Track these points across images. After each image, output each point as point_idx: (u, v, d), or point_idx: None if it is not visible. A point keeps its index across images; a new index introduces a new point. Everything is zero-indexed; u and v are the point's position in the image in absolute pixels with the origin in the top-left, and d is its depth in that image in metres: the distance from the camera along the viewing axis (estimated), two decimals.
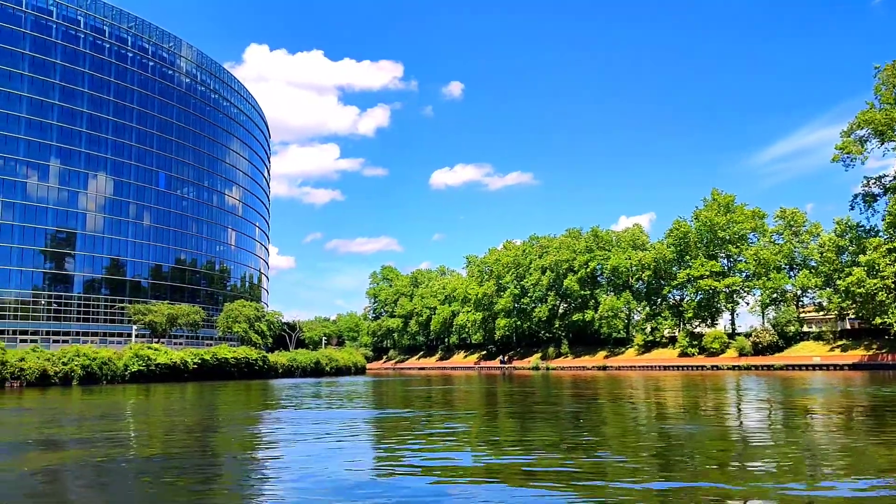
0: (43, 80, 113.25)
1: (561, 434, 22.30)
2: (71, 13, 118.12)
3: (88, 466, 17.00)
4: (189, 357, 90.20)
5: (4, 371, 74.86)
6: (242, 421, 32.99)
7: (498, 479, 13.92)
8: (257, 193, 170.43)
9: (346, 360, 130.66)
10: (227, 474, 16.04)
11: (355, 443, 22.42)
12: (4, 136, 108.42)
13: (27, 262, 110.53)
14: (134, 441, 23.66)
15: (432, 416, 31.82)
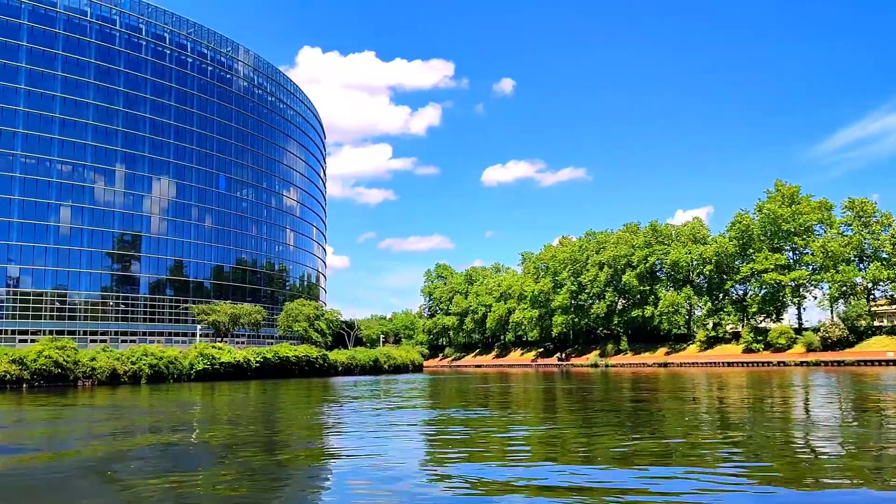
0: (108, 87, 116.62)
1: (642, 438, 21.76)
2: (133, 21, 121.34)
3: (190, 448, 17.31)
4: (252, 356, 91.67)
5: (77, 370, 77.17)
6: (306, 415, 33.19)
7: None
8: (314, 194, 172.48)
9: (404, 358, 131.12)
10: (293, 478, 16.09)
11: (408, 439, 22.31)
12: (73, 143, 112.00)
13: (96, 265, 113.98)
14: (222, 431, 24.02)
15: (495, 417, 31.50)
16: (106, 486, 14.98)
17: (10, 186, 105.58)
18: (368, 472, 16.07)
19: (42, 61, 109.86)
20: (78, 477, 16.10)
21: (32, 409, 46.37)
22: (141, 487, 14.55)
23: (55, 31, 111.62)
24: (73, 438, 26.53)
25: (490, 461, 16.93)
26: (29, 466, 17.61)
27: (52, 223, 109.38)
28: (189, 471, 16.73)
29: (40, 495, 13.74)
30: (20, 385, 71.95)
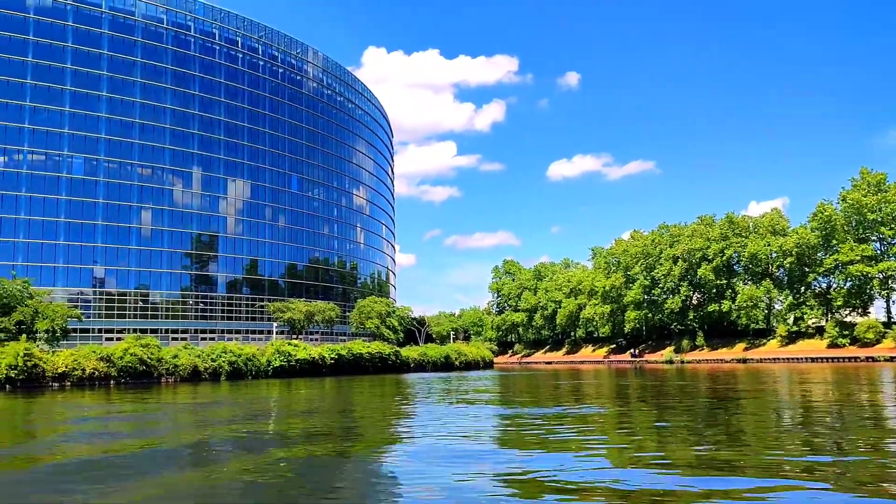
0: (184, 91, 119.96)
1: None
2: (207, 27, 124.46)
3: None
4: (326, 352, 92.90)
5: (160, 367, 79.53)
6: (380, 409, 33.05)
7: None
8: (383, 192, 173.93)
9: (475, 355, 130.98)
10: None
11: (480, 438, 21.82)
12: (152, 147, 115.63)
13: (175, 265, 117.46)
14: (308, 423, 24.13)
15: (572, 415, 30.77)
16: (188, 469, 15.70)
17: (95, 190, 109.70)
18: (437, 464, 16.02)
19: (122, 68, 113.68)
20: (163, 462, 16.76)
21: (121, 402, 47.85)
22: (219, 472, 15.21)
23: (134, 38, 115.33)
24: (160, 429, 27.20)
25: (566, 458, 16.40)
26: (120, 454, 17.99)
27: (133, 225, 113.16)
28: (264, 458, 17.20)
29: (129, 477, 14.46)
30: (108, 382, 74.55)
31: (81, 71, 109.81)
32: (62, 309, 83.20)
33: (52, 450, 20.81)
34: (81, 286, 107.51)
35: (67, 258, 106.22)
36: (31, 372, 69.30)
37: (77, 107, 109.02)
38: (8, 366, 67.94)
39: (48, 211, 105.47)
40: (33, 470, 16.95)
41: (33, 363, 69.67)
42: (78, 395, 58.20)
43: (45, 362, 71.02)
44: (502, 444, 20.43)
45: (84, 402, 49.03)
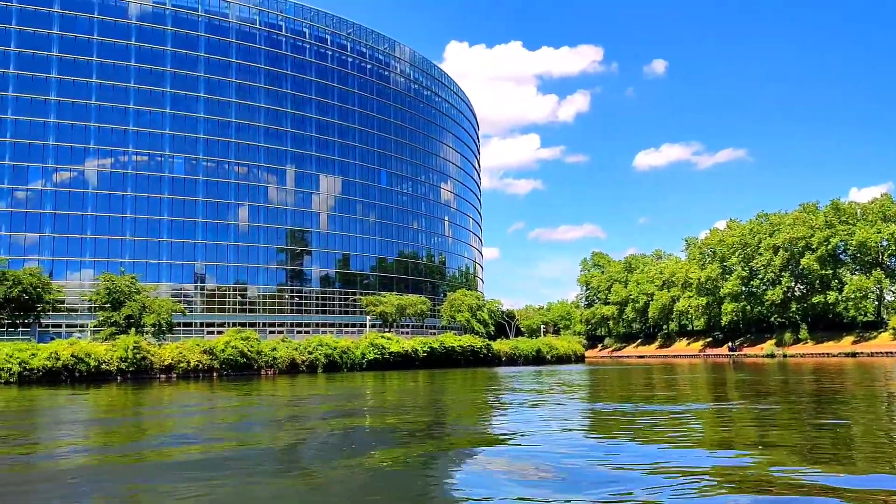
0: (276, 90, 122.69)
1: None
2: (298, 26, 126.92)
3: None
4: (419, 345, 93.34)
5: (260, 360, 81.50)
6: (474, 403, 32.36)
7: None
8: (469, 185, 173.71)
9: (566, 349, 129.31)
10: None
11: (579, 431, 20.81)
12: (247, 146, 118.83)
13: (271, 260, 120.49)
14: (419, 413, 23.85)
15: (670, 408, 29.35)
16: (286, 470, 15.56)
17: (195, 189, 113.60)
18: (531, 459, 15.70)
19: (218, 70, 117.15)
20: (263, 461, 16.61)
21: (223, 393, 49.00)
22: (320, 473, 15.10)
23: (229, 40, 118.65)
24: (261, 423, 27.48)
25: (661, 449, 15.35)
26: (221, 454, 18.00)
27: (231, 222, 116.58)
28: (363, 454, 17.02)
29: (227, 477, 14.43)
30: (211, 374, 76.86)
31: (180, 73, 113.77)
32: (167, 304, 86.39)
33: (161, 445, 21.07)
34: (184, 282, 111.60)
35: (171, 255, 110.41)
36: (140, 364, 72.13)
37: (177, 108, 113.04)
38: (119, 358, 70.86)
39: (152, 209, 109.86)
40: (142, 465, 17.10)
41: (142, 356, 72.50)
42: (184, 387, 60.05)
43: (153, 355, 73.78)
44: (648, 440, 19.47)
45: (190, 393, 50.47)
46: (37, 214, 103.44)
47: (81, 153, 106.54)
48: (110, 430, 26.00)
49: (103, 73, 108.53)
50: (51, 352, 68.22)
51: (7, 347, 68.58)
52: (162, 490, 13.49)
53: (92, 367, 68.85)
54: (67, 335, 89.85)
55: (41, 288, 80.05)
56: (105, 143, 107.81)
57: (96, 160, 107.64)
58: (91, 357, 69.37)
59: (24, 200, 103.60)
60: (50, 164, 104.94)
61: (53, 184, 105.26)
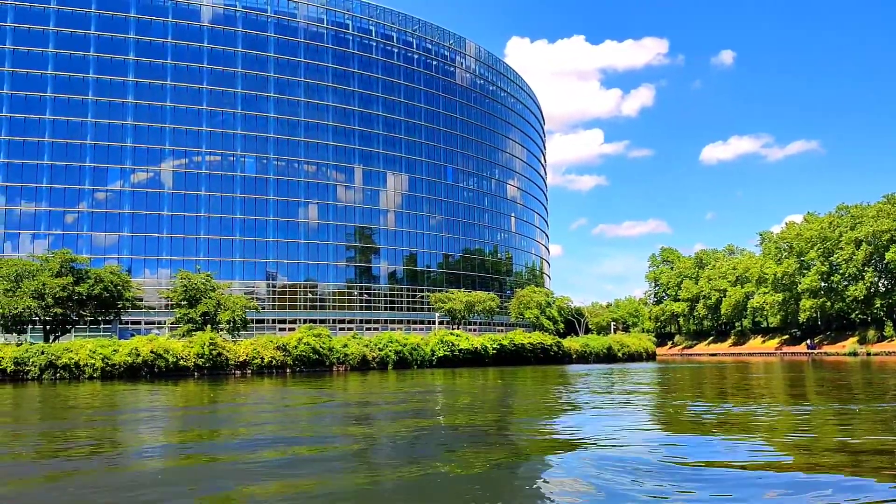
0: (344, 89, 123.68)
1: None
2: (364, 24, 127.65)
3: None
4: (488, 342, 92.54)
5: (331, 357, 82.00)
6: (548, 402, 31.32)
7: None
8: (535, 181, 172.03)
9: (637, 346, 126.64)
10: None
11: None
12: (316, 144, 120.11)
13: (340, 258, 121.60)
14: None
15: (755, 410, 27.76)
16: (359, 471, 15.43)
17: (266, 188, 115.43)
18: (604, 461, 15.39)
19: (287, 69, 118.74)
20: (338, 462, 16.44)
21: (297, 389, 49.24)
22: (391, 473, 14.98)
23: (297, 40, 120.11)
24: (335, 423, 27.28)
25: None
26: (297, 456, 17.75)
27: (301, 220, 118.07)
28: (432, 456, 16.78)
29: (303, 479, 14.32)
30: (284, 370, 77.74)
31: (251, 74, 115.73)
32: (242, 301, 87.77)
33: (240, 446, 20.91)
34: (256, 279, 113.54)
35: (243, 253, 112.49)
36: (216, 360, 73.36)
37: (248, 108, 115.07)
38: (196, 354, 72.20)
39: (225, 208, 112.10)
40: (220, 465, 16.93)
41: (218, 352, 73.72)
42: (258, 383, 60.73)
43: (228, 351, 74.98)
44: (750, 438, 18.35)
45: (265, 389, 50.90)
46: (116, 214, 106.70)
47: (157, 154, 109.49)
48: (191, 428, 26.20)
49: (178, 76, 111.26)
50: (131, 348, 69.95)
51: (90, 344, 70.63)
52: (237, 495, 13.33)
53: (170, 363, 70.37)
54: (146, 332, 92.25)
55: (121, 286, 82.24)
56: (179, 144, 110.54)
57: (171, 161, 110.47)
58: (169, 353, 70.92)
59: (103, 201, 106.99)
60: (128, 166, 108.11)
61: (131, 184, 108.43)
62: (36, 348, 68.64)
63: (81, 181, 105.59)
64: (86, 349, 68.57)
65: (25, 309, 73.81)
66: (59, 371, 66.77)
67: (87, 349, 68.60)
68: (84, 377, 66.71)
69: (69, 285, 76.01)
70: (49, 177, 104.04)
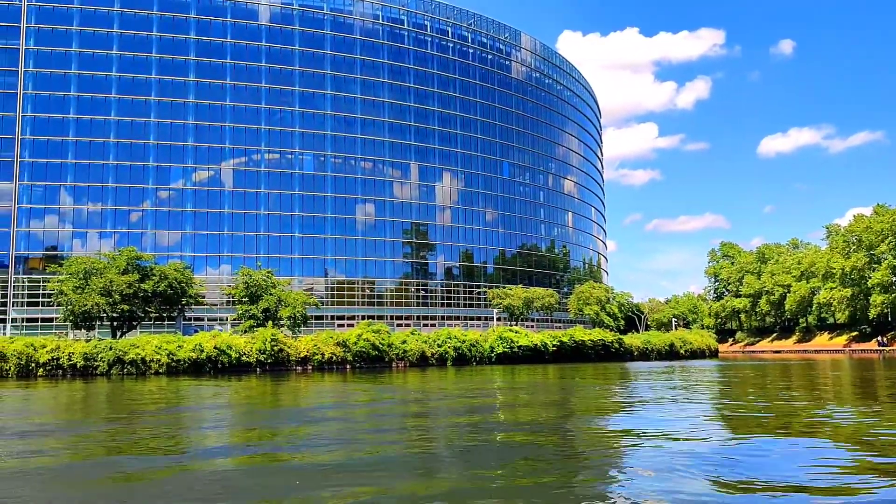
0: (400, 85, 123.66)
1: None
2: (419, 19, 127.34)
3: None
4: (548, 339, 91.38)
5: (391, 353, 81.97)
6: (613, 402, 30.14)
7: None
8: (592, 174, 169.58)
9: (699, 343, 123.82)
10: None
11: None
12: (373, 141, 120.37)
13: (397, 254, 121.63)
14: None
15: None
16: (417, 472, 15.24)
17: (324, 185, 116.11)
18: (667, 463, 14.80)
19: (343, 66, 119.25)
20: (401, 465, 16.10)
21: (359, 386, 48.99)
22: (453, 476, 14.62)
23: (353, 37, 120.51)
24: (400, 421, 26.78)
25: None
26: (360, 458, 17.29)
27: (358, 217, 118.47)
28: (486, 467, 15.80)
29: (361, 481, 14.10)
30: (344, 366, 77.91)
31: (308, 72, 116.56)
32: (302, 297, 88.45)
33: (303, 446, 20.56)
34: (314, 275, 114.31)
35: (302, 249, 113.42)
36: (277, 356, 73.95)
37: (305, 106, 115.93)
38: (258, 350, 72.89)
39: (284, 206, 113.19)
40: (284, 465, 16.69)
41: (279, 348, 74.32)
42: (319, 379, 60.81)
43: (290, 347, 75.52)
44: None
45: (327, 386, 50.80)
46: (178, 213, 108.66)
47: (218, 153, 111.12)
48: (255, 427, 26.07)
49: (237, 75, 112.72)
50: (195, 344, 70.93)
51: (156, 340, 71.86)
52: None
53: (233, 359, 71.17)
54: (209, 328, 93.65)
55: (185, 283, 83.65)
56: (239, 143, 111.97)
57: (231, 159, 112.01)
58: (232, 349, 71.74)
59: (166, 200, 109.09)
60: (189, 165, 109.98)
61: (193, 183, 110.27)
62: (104, 344, 70.10)
63: (145, 180, 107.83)
64: (152, 345, 69.77)
65: (94, 306, 75.56)
66: (126, 366, 68.05)
67: (153, 345, 69.79)
68: (150, 373, 67.89)
69: (135, 282, 77.56)
70: (114, 176, 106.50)
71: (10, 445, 20.27)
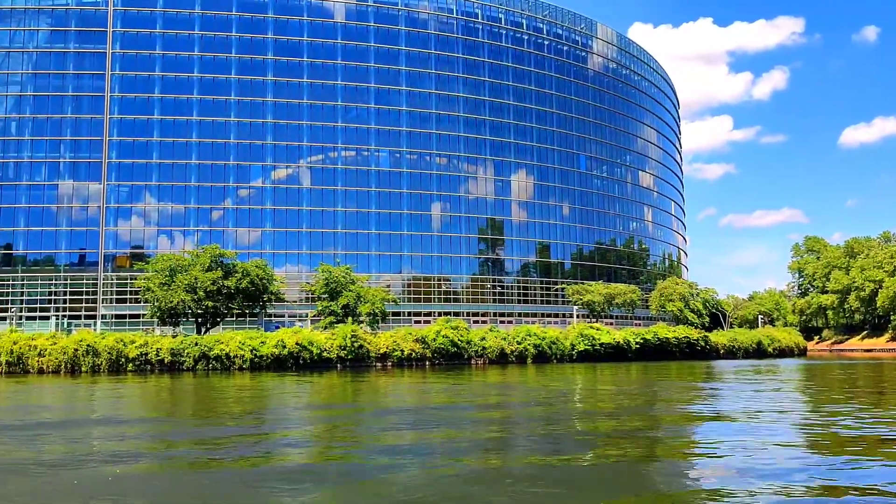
0: (475, 79, 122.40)
1: None
2: (494, 13, 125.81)
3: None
4: (630, 336, 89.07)
5: (469, 350, 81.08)
6: (708, 406, 28.08)
7: None
8: (671, 167, 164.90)
9: (788, 341, 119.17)
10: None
11: None
12: (448, 136, 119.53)
13: (472, 250, 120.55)
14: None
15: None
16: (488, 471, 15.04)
17: (400, 181, 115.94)
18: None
19: (418, 62, 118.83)
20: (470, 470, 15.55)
21: (442, 384, 48.05)
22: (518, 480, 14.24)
23: (427, 31, 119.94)
24: (468, 414, 26.00)
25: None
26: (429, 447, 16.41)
27: (433, 213, 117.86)
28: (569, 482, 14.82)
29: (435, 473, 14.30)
30: (423, 362, 77.42)
31: (383, 68, 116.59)
32: (380, 293, 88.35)
33: (382, 453, 19.66)
34: (391, 272, 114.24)
35: (379, 246, 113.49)
36: (357, 352, 73.97)
37: (381, 103, 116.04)
38: (339, 346, 73.02)
39: (360, 203, 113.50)
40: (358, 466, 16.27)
41: (359, 344, 74.32)
42: (399, 375, 60.25)
43: (369, 343, 75.46)
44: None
45: (409, 383, 50.07)
46: (258, 211, 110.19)
47: (296, 151, 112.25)
48: (337, 423, 25.81)
49: (313, 73, 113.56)
50: (277, 340, 71.55)
51: (240, 336, 72.79)
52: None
53: (314, 355, 71.52)
54: (290, 324, 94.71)
55: (266, 279, 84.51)
56: (316, 140, 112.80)
57: (309, 157, 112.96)
58: (313, 345, 72.07)
59: (246, 198, 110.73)
60: (268, 163, 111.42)
61: (272, 181, 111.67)
62: (190, 340, 71.34)
63: (226, 179, 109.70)
64: (235, 341, 70.65)
65: (179, 302, 77.01)
66: (211, 362, 69.08)
67: (237, 341, 70.66)
68: (234, 368, 68.75)
69: (219, 279, 78.72)
70: (197, 175, 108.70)
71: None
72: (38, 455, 18.40)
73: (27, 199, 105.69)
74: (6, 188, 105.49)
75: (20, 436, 22.43)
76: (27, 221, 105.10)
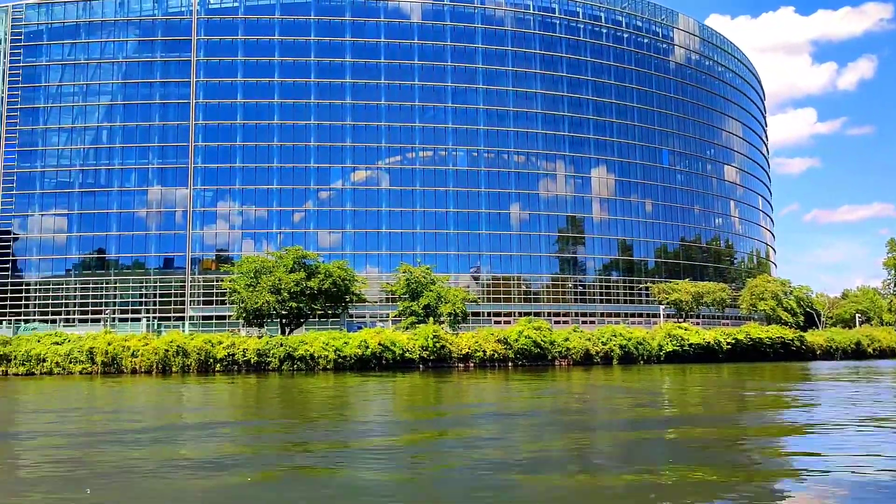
0: (552, 75, 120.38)
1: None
2: (571, 7, 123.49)
3: None
4: (721, 337, 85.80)
5: (553, 350, 79.48)
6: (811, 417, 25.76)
7: None
8: (758, 160, 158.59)
9: (889, 341, 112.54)
10: None
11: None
12: (525, 133, 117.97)
13: (552, 248, 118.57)
14: None
15: None
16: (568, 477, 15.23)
17: (477, 180, 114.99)
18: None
19: (494, 59, 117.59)
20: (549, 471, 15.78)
21: (528, 387, 46.86)
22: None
23: (504, 28, 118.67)
24: (551, 417, 25.03)
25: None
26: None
27: (511, 211, 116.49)
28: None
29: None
30: (506, 363, 76.35)
31: (459, 67, 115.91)
32: (461, 293, 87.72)
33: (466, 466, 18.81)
34: (469, 272, 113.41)
35: (457, 246, 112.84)
36: (439, 353, 73.44)
37: (457, 102, 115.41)
38: (421, 347, 72.62)
39: (438, 203, 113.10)
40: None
41: (441, 344, 73.76)
42: (481, 376, 59.40)
43: (451, 344, 74.82)
44: None
45: (493, 385, 49.12)
46: (339, 212, 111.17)
47: (374, 152, 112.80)
48: (418, 429, 25.34)
49: (390, 74, 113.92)
50: (360, 341, 71.66)
51: (323, 336, 73.25)
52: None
53: (397, 355, 71.37)
54: (372, 324, 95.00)
55: (348, 280, 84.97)
56: (394, 141, 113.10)
57: (387, 158, 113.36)
58: (396, 346, 71.93)
59: (327, 200, 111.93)
60: (348, 165, 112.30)
61: (351, 183, 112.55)
62: (275, 341, 72.21)
63: (307, 181, 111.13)
64: (319, 342, 71.11)
65: (264, 304, 78.09)
66: (296, 362, 69.70)
67: (321, 342, 71.10)
68: (318, 368, 69.21)
69: (302, 280, 79.50)
70: (278, 178, 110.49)
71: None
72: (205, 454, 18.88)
73: (118, 205, 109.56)
74: (99, 195, 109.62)
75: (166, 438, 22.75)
76: (118, 227, 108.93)
